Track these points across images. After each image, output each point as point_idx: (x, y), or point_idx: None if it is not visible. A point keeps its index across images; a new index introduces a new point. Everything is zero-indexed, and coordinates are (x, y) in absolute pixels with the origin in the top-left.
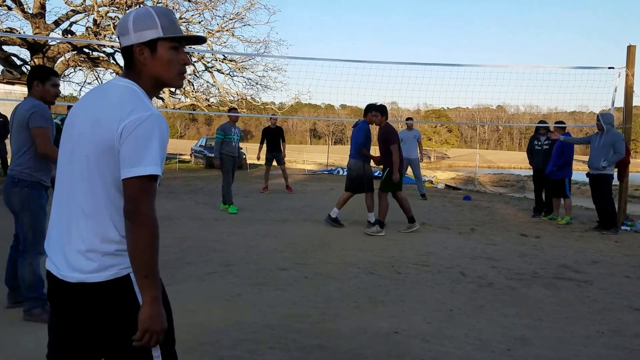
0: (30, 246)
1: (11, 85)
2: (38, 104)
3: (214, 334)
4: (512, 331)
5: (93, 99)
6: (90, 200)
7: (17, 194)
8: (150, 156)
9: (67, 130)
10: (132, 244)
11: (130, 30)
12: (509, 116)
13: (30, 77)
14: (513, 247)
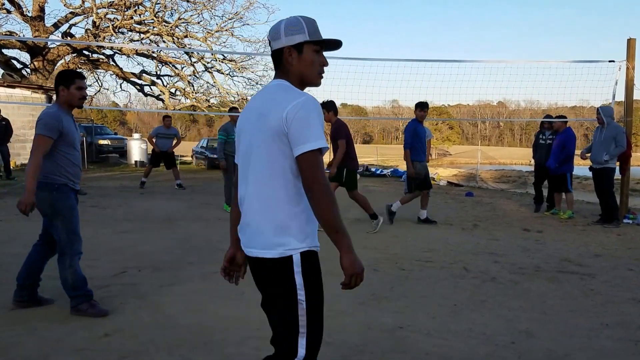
0: (67, 248)
1: (12, 88)
2: (45, 114)
3: (220, 332)
4: (516, 325)
5: (256, 101)
6: (269, 183)
7: (45, 198)
8: (314, 133)
9: (240, 133)
10: (318, 208)
11: (282, 35)
12: (509, 112)
13: (56, 83)
14: (516, 242)
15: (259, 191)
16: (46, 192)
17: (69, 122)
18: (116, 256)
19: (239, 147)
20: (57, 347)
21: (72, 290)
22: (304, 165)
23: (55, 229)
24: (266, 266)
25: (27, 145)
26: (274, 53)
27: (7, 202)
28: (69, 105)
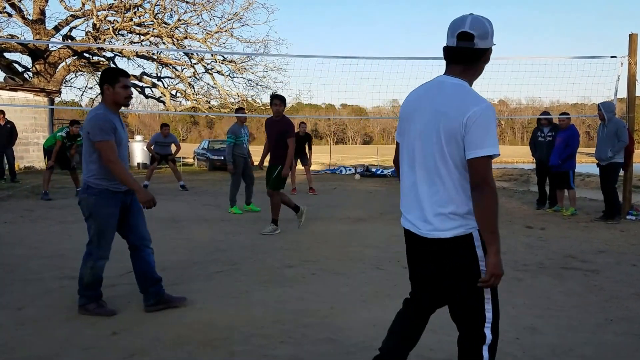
0: (95, 250)
1: (14, 91)
2: (96, 116)
3: (225, 331)
4: (520, 321)
5: (429, 93)
6: (440, 175)
7: (85, 200)
8: (490, 139)
9: (407, 119)
10: (481, 208)
11: (490, 36)
12: (511, 110)
13: (101, 81)
14: (519, 239)
15: (432, 181)
16: (87, 195)
17: (117, 122)
18: (122, 256)
19: (408, 130)
20: (65, 346)
21: (84, 289)
22: (477, 168)
23: (88, 230)
24: (446, 245)
25: (30, 148)
26: (472, 50)
27: (11, 204)
28: (116, 104)
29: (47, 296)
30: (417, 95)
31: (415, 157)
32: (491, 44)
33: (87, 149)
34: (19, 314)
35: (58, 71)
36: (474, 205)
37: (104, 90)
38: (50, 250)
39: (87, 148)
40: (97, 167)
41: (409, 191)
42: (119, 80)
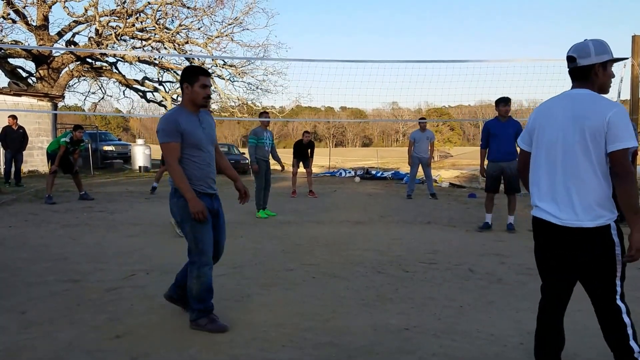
0: (196, 256)
1: (18, 97)
2: (163, 117)
3: (227, 334)
4: (524, 325)
5: (561, 104)
6: (584, 169)
7: (175, 204)
8: (628, 134)
9: (540, 129)
10: (626, 193)
11: (592, 54)
12: (512, 112)
13: (181, 79)
14: (522, 243)
15: (577, 177)
16: (175, 199)
17: (190, 122)
18: (125, 259)
19: (542, 137)
20: (69, 349)
21: (196, 301)
22: (619, 159)
23: (186, 236)
24: (587, 234)
25: (33, 153)
26: (579, 68)
27: (16, 208)
28: (194, 104)
29: (50, 299)
30: (547, 109)
31: (557, 156)
32: (597, 60)
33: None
34: (23, 317)
35: (61, 76)
36: (618, 190)
37: (183, 90)
38: (54, 254)
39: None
40: (185, 168)
41: (549, 187)
42: (199, 79)
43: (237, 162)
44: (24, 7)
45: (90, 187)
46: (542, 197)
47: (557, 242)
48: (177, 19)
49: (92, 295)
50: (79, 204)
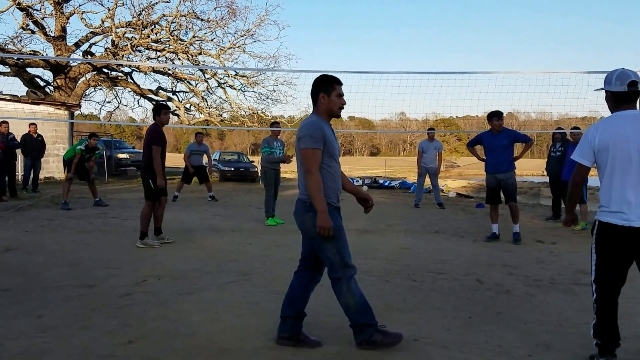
0: (341, 270)
1: (36, 105)
2: (310, 123)
3: (236, 341)
4: (533, 337)
5: (629, 123)
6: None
7: (312, 218)
8: None
9: (608, 147)
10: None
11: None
12: (519, 123)
13: (316, 89)
14: (529, 254)
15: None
16: (311, 213)
17: (330, 132)
18: (137, 265)
19: (614, 153)
20: (84, 354)
21: (359, 315)
22: None
23: (324, 252)
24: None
25: (50, 160)
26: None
27: (33, 214)
28: (329, 114)
29: (66, 304)
30: (615, 129)
31: (631, 168)
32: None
33: (301, 163)
34: (39, 321)
35: (78, 85)
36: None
37: (319, 99)
38: (70, 259)
39: (301, 162)
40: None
41: (623, 195)
42: (335, 88)
43: (246, 170)
44: (42, 18)
45: (104, 194)
46: (618, 205)
47: (626, 243)
48: (190, 30)
49: (106, 301)
50: (94, 210)
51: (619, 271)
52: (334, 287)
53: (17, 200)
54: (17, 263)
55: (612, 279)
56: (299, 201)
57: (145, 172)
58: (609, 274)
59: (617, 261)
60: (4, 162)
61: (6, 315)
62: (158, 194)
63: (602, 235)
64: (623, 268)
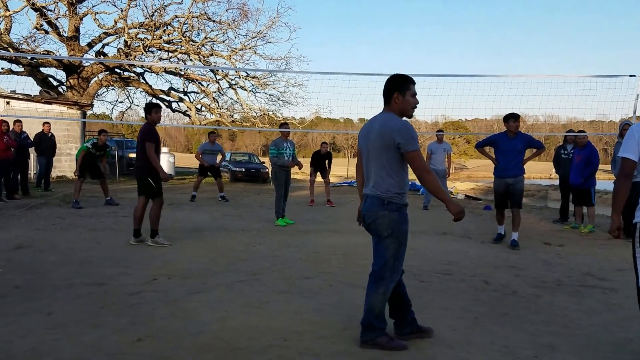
0: (389, 273)
1: (49, 104)
2: (406, 125)
3: (245, 340)
4: (538, 338)
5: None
6: None
7: (387, 217)
8: None
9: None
10: None
11: None
12: (528, 126)
13: (390, 88)
14: (537, 256)
15: None
16: (387, 211)
17: None
18: (147, 264)
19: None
20: (93, 351)
21: (376, 319)
22: None
23: (383, 251)
24: None
25: (62, 158)
26: None
27: (44, 212)
28: (401, 113)
29: (76, 302)
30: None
31: None
32: None
33: (388, 161)
34: (49, 319)
35: (90, 85)
36: None
37: (393, 99)
38: (80, 257)
39: (389, 159)
40: (400, 180)
41: None
42: (409, 88)
43: (257, 170)
44: (56, 19)
45: (115, 193)
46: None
47: None
48: (202, 31)
49: (116, 299)
50: (105, 209)
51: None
52: (372, 284)
53: (29, 198)
54: (28, 260)
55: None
56: (374, 198)
57: (141, 171)
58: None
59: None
60: (17, 160)
61: (16, 312)
62: (157, 192)
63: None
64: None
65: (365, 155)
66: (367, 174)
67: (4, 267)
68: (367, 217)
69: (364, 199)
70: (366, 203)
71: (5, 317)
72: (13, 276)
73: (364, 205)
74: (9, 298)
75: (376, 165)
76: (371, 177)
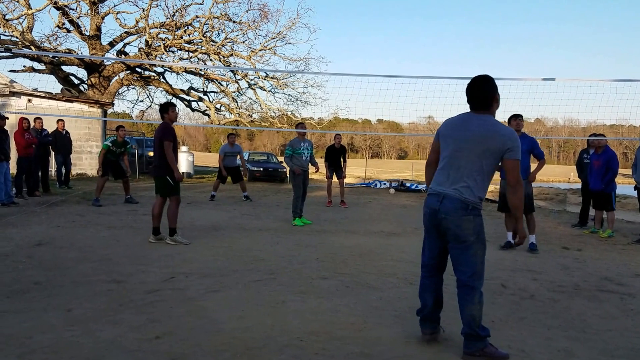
0: (479, 280)
1: (70, 102)
2: (514, 134)
3: (261, 339)
4: (555, 343)
5: None
6: None
7: (472, 222)
8: None
9: None
10: None
11: None
12: (547, 129)
13: (494, 89)
14: (555, 260)
15: None
16: (471, 216)
17: None
18: (166, 262)
19: None
20: (111, 348)
21: (480, 329)
22: None
23: (472, 258)
24: None
25: (83, 157)
26: None
27: (64, 209)
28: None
29: (95, 298)
30: None
31: None
32: None
33: (488, 167)
34: (69, 315)
35: (111, 84)
36: None
37: (494, 101)
38: (99, 255)
39: (488, 165)
40: (488, 185)
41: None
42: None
43: (275, 170)
44: (78, 18)
45: (135, 191)
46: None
47: None
48: (223, 32)
49: (134, 296)
50: (124, 207)
51: None
52: (465, 295)
53: (49, 195)
54: (48, 257)
55: None
56: (456, 201)
57: (159, 170)
58: None
59: None
60: (38, 157)
61: (37, 308)
62: (175, 190)
63: None
64: None
65: (454, 153)
66: (452, 172)
67: (25, 263)
68: (447, 220)
69: (438, 198)
70: (444, 204)
71: (26, 313)
72: (33, 272)
73: (440, 205)
74: (29, 294)
75: (472, 167)
76: (459, 177)
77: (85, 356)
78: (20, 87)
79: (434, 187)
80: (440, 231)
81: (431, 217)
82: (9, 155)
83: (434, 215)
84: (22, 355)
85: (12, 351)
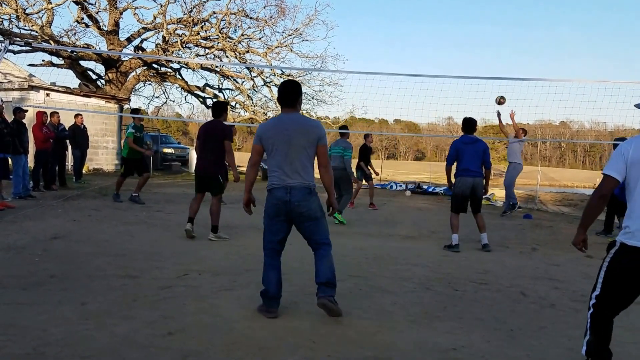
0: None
1: (87, 97)
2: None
3: (274, 340)
4: (576, 354)
5: None
6: None
7: (315, 202)
8: None
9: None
10: None
11: None
12: (572, 133)
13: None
14: (577, 268)
15: None
16: (315, 196)
17: None
18: (179, 259)
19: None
20: (125, 343)
21: (333, 275)
22: None
23: (321, 226)
24: None
25: (99, 152)
26: None
27: (81, 204)
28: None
29: (109, 293)
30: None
31: None
32: None
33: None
34: (83, 309)
35: (128, 80)
36: None
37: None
38: (115, 250)
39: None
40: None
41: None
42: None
43: None
44: (96, 13)
45: (149, 187)
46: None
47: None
48: (239, 28)
49: (148, 292)
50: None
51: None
52: (325, 251)
53: (66, 190)
54: (64, 251)
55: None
56: (305, 188)
57: (214, 168)
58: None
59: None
60: (55, 151)
61: (52, 300)
62: (222, 189)
63: (628, 260)
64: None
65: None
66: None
67: (41, 256)
68: (302, 205)
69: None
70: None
71: (41, 305)
72: (49, 265)
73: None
74: (45, 287)
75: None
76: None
77: (98, 350)
78: (39, 81)
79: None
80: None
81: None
82: (27, 149)
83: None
84: (37, 347)
85: (28, 343)
